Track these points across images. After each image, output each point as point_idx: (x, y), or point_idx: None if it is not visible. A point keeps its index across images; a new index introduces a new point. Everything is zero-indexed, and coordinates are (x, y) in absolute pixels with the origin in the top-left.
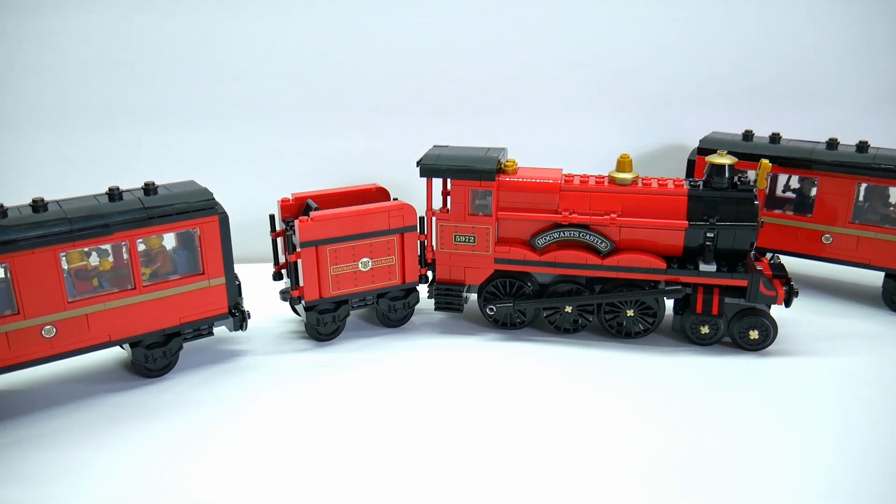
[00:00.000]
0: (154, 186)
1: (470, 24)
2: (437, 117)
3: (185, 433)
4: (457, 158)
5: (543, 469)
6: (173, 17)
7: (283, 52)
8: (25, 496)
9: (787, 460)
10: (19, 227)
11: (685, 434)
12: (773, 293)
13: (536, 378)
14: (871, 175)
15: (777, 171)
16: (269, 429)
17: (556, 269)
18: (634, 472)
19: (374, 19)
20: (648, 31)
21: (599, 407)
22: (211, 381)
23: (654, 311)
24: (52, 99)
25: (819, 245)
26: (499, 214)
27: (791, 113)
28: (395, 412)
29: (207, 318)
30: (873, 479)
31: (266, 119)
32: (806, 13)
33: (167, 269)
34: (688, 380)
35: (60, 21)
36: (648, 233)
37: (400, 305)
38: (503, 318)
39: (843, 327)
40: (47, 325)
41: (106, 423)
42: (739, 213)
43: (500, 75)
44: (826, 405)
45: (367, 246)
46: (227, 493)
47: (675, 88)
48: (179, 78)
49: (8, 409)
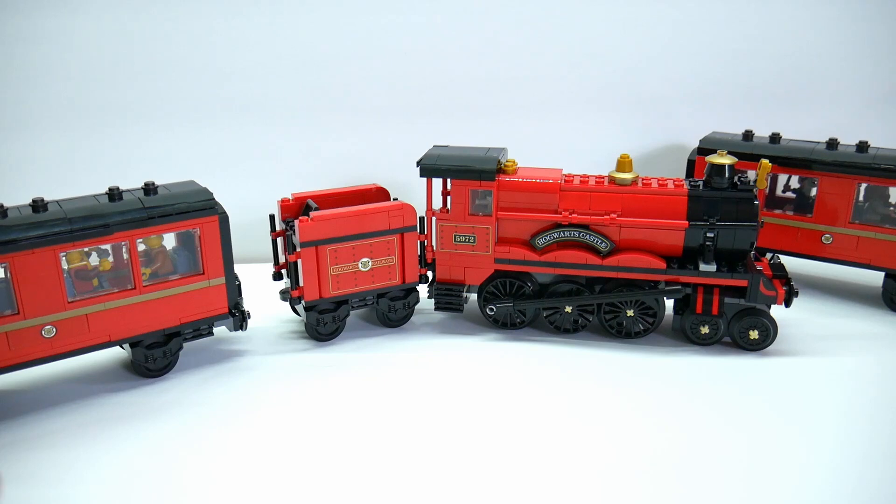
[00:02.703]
0: (154, 186)
1: (470, 25)
2: (437, 117)
3: (186, 433)
4: (457, 158)
5: (543, 469)
6: (173, 18)
7: (283, 52)
8: (25, 496)
9: (787, 460)
10: (19, 227)
11: (685, 434)
12: (773, 293)
13: (537, 378)
14: (871, 175)
15: (777, 171)
16: (268, 429)
17: (556, 269)
18: (634, 471)
19: (374, 19)
20: (648, 31)
21: (599, 407)
22: (211, 381)
23: (654, 311)
24: (52, 99)
25: (819, 245)
26: (499, 214)
27: (791, 113)
28: (396, 412)
29: (207, 318)
30: (873, 479)
31: (266, 119)
32: (806, 13)
33: (167, 269)
34: (688, 380)
35: (60, 21)
36: (648, 233)
37: (400, 305)
38: (503, 318)
39: (843, 327)
40: (47, 325)
41: (106, 423)
42: (739, 213)
43: (500, 75)
44: (826, 405)
45: (367, 246)
46: (228, 492)
47: (675, 88)
48: (179, 78)
49: (8, 409)
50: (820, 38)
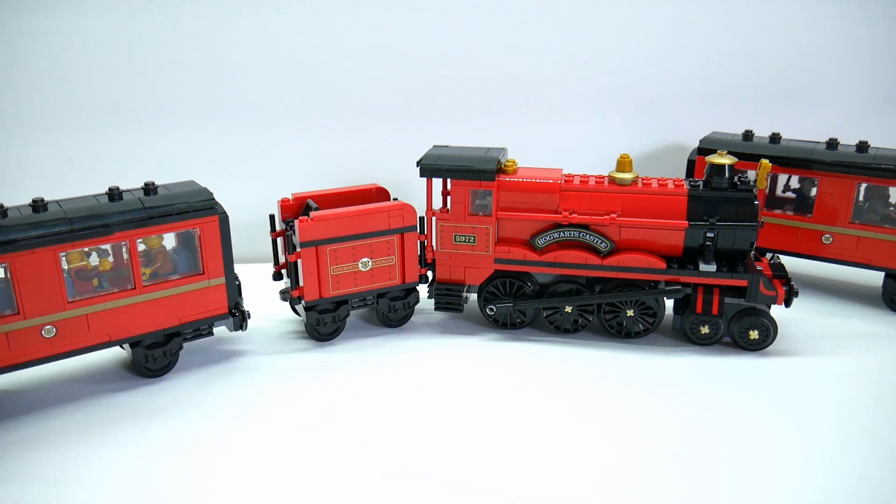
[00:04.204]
0: (154, 186)
1: (470, 25)
2: (437, 117)
3: (185, 433)
4: (457, 158)
5: (543, 469)
6: (173, 18)
7: (283, 52)
8: (25, 496)
9: (787, 460)
10: (19, 227)
11: (685, 434)
12: (773, 293)
13: (536, 378)
14: (871, 175)
15: (777, 171)
16: (268, 428)
17: (556, 269)
18: (634, 471)
19: (375, 19)
20: (648, 31)
21: (599, 407)
22: (211, 381)
23: (654, 311)
24: (52, 99)
25: (819, 245)
26: (499, 214)
27: (791, 113)
28: (396, 412)
29: (207, 318)
30: (873, 479)
31: (266, 119)
32: (806, 13)
33: (167, 269)
34: (688, 380)
35: (60, 21)
36: (648, 233)
37: (400, 305)
38: (503, 318)
39: (843, 327)
40: (47, 325)
41: (106, 423)
42: (739, 213)
43: (500, 75)
44: (826, 405)
45: (367, 246)
46: (228, 492)
47: (675, 88)
48: (179, 78)
49: (8, 409)
50: (820, 38)
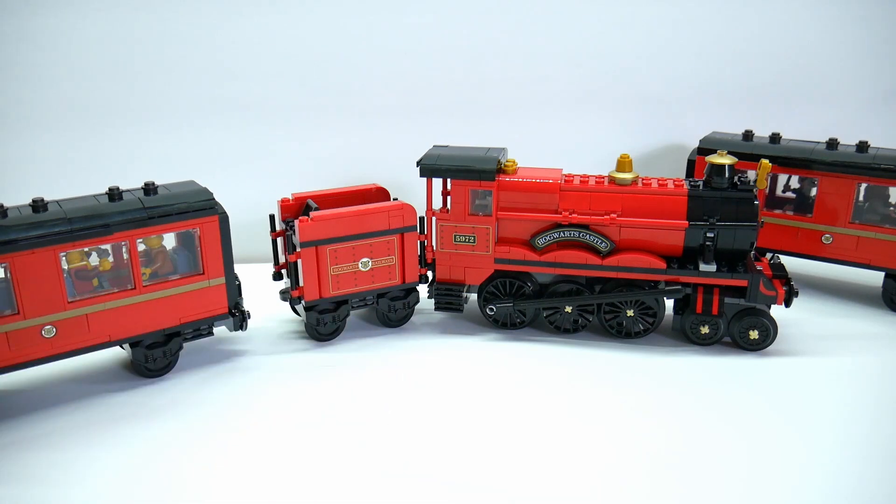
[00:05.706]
0: (154, 186)
1: (470, 24)
2: (437, 117)
3: (185, 433)
4: (457, 158)
5: (543, 469)
6: (173, 18)
7: (283, 52)
8: (25, 496)
9: (787, 460)
10: (19, 227)
11: (685, 434)
12: (773, 293)
13: (536, 378)
14: (871, 175)
15: (777, 171)
16: (268, 428)
17: (556, 269)
18: (634, 471)
19: (374, 19)
20: (648, 31)
21: (599, 407)
22: (211, 381)
23: (654, 311)
24: (52, 99)
25: (819, 245)
26: (499, 214)
27: (791, 113)
28: (396, 412)
29: (207, 318)
30: (873, 479)
31: (266, 119)
32: (806, 13)
33: (167, 269)
34: (688, 380)
35: (60, 21)
36: (648, 233)
37: (400, 305)
38: (503, 318)
39: (843, 327)
40: (47, 325)
41: (106, 423)
42: (739, 213)
43: (500, 75)
44: (826, 405)
45: (367, 246)
46: (228, 492)
47: (675, 88)
48: (179, 78)
49: (8, 409)
50: (820, 38)
